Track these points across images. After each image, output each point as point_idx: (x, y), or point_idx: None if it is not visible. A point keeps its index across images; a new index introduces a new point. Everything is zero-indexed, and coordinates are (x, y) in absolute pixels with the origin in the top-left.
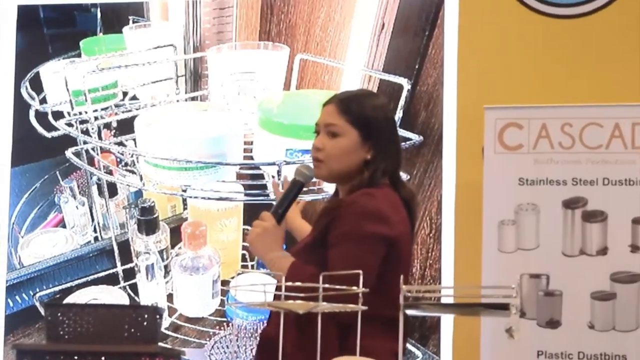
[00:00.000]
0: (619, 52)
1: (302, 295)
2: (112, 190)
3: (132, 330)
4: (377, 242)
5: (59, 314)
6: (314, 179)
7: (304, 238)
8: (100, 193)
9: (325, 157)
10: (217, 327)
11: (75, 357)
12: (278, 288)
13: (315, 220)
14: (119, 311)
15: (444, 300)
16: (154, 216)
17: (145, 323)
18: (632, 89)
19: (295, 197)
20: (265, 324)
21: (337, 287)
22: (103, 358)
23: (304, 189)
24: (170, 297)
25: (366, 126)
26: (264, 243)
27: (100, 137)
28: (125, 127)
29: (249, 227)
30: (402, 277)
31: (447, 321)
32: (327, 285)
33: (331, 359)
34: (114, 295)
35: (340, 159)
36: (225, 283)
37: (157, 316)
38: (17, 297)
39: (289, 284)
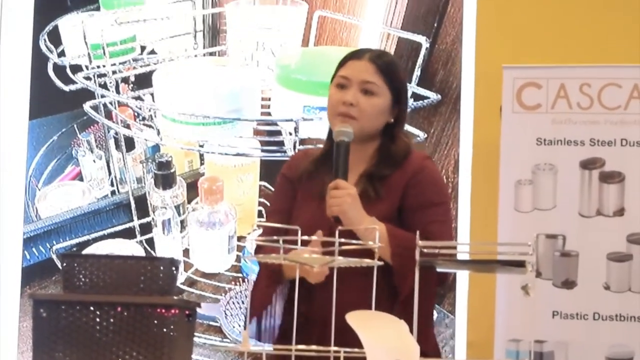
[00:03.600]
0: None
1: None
2: (130, 144)
3: (149, 281)
4: None
5: (76, 265)
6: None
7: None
8: (118, 147)
9: (359, 114)
10: (233, 283)
11: (91, 307)
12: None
13: (380, 190)
14: (136, 262)
15: (460, 257)
16: (171, 171)
17: (161, 275)
18: None
19: (347, 158)
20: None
21: (354, 241)
22: (119, 309)
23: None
24: (186, 252)
25: (398, 89)
26: (357, 211)
27: (118, 91)
28: (143, 81)
29: (265, 184)
30: (417, 232)
31: (463, 280)
32: (343, 240)
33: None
34: (130, 249)
35: (374, 118)
36: (241, 239)
37: (174, 268)
38: (33, 250)
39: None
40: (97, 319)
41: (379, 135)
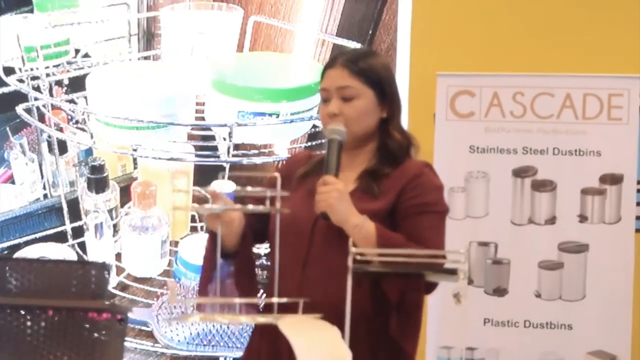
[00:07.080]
0: (572, 22)
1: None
2: (63, 147)
3: (80, 285)
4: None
5: (7, 268)
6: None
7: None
8: (51, 150)
9: (345, 122)
10: (165, 287)
11: (22, 312)
12: None
13: (371, 190)
14: (67, 267)
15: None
16: (104, 175)
17: (93, 279)
18: (584, 60)
19: (340, 157)
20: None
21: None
22: (51, 312)
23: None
24: (118, 257)
25: (380, 85)
26: (345, 206)
27: (51, 94)
28: (77, 84)
29: (199, 189)
30: (350, 240)
31: None
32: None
33: None
34: (62, 253)
35: (360, 121)
36: (174, 244)
37: (105, 272)
38: None
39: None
40: (28, 323)
41: (376, 133)
